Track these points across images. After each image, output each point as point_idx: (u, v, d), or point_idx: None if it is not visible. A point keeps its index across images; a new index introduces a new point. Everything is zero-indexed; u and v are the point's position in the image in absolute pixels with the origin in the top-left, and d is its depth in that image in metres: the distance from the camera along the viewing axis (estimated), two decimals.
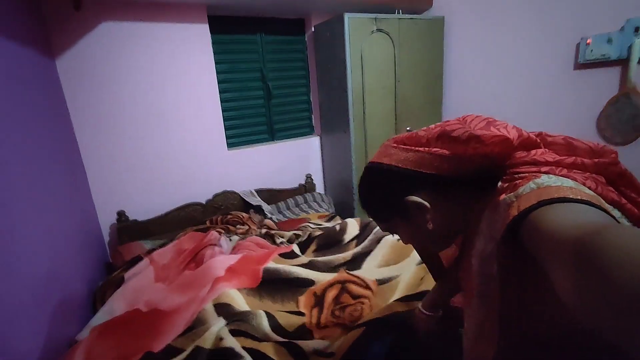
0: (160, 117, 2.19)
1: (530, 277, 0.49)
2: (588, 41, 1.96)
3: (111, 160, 2.09)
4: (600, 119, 2.04)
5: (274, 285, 1.40)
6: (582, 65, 2.05)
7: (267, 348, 1.06)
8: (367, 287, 1.39)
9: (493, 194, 0.56)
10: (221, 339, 1.07)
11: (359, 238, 1.74)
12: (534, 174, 0.52)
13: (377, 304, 1.31)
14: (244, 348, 1.04)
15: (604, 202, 0.47)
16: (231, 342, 1.05)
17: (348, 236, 1.77)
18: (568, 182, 0.48)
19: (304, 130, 2.92)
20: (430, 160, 0.60)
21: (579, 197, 0.43)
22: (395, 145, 0.66)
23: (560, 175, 0.51)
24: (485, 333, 0.58)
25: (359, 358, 1.03)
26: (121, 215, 2.09)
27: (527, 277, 0.50)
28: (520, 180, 0.51)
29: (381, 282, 1.42)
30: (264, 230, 2.07)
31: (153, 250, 1.82)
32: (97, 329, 1.27)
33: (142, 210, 2.19)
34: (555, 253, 0.38)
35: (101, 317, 1.36)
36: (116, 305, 1.42)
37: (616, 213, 0.49)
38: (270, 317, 1.20)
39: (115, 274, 1.66)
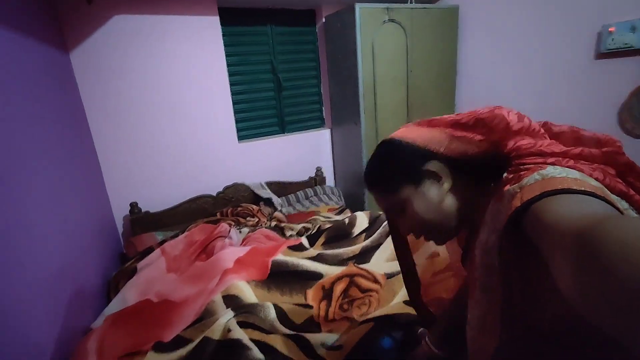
0: (172, 109, 2.21)
1: (533, 271, 0.48)
2: (610, 29, 1.88)
3: (124, 152, 2.12)
4: (622, 111, 1.96)
5: (282, 277, 1.41)
6: (604, 54, 1.96)
7: (274, 340, 1.07)
8: (376, 280, 1.38)
9: (498, 186, 0.55)
10: (229, 330, 1.08)
11: (368, 231, 1.73)
12: (539, 165, 0.51)
13: (386, 298, 1.30)
14: (251, 340, 1.05)
15: (609, 193, 0.46)
16: (239, 333, 1.06)
17: (357, 229, 1.76)
18: (573, 174, 0.47)
19: (315, 122, 2.90)
20: (439, 138, 0.62)
21: (582, 189, 0.42)
22: (410, 124, 0.69)
23: (567, 167, 0.50)
24: (488, 326, 0.57)
25: (367, 352, 1.03)
26: (134, 206, 2.13)
27: (530, 271, 0.50)
28: (525, 172, 0.51)
29: (390, 275, 1.41)
30: (273, 223, 2.08)
31: (164, 241, 1.85)
32: (111, 317, 1.30)
33: (154, 202, 2.22)
34: (557, 244, 0.37)
35: (114, 306, 1.39)
36: (129, 294, 1.45)
37: (623, 204, 0.48)
38: (278, 309, 1.21)
39: (128, 265, 1.70)
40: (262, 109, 2.63)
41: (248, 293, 1.29)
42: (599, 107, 2.05)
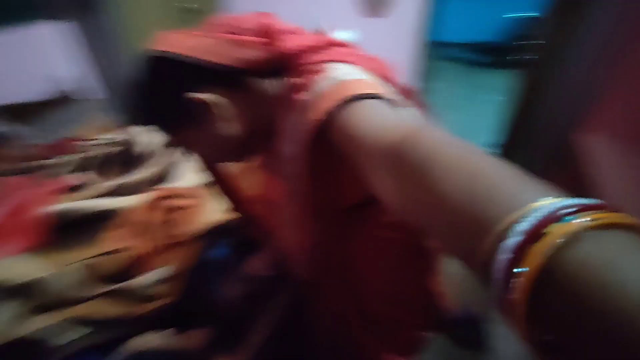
0: None
1: (351, 171, 0.52)
2: None
3: None
4: None
5: (69, 231, 1.09)
6: None
7: (86, 309, 0.86)
8: (193, 195, 1.27)
9: (285, 92, 0.54)
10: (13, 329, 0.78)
11: (163, 147, 1.51)
12: (323, 62, 0.51)
13: (210, 208, 1.23)
14: (53, 325, 0.80)
15: (392, 91, 0.51)
16: (26, 328, 0.79)
17: (148, 147, 1.50)
18: (359, 73, 0.50)
19: (36, 12, 2.01)
20: (213, 46, 0.53)
21: (376, 92, 0.45)
22: (179, 32, 0.56)
23: (347, 61, 0.52)
24: (297, 223, 0.61)
25: (203, 271, 0.99)
26: None
27: (341, 172, 0.53)
28: (311, 74, 0.50)
29: (203, 185, 1.32)
30: (24, 164, 1.51)
31: None
32: None
33: None
34: (371, 158, 0.38)
35: None
36: None
37: (390, 89, 0.53)
38: (74, 272, 0.96)
39: None
40: None
41: (22, 270, 0.94)
42: None
